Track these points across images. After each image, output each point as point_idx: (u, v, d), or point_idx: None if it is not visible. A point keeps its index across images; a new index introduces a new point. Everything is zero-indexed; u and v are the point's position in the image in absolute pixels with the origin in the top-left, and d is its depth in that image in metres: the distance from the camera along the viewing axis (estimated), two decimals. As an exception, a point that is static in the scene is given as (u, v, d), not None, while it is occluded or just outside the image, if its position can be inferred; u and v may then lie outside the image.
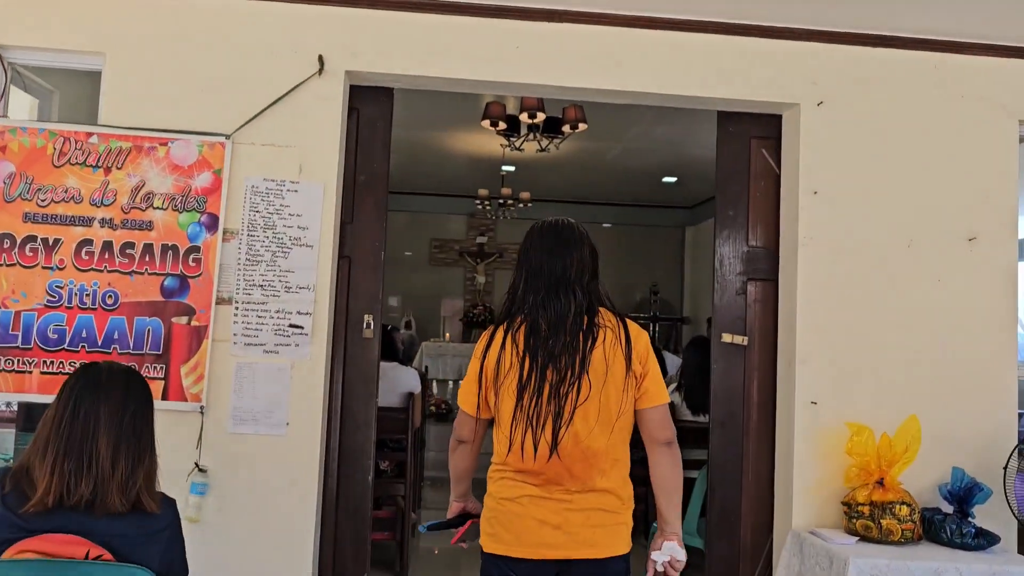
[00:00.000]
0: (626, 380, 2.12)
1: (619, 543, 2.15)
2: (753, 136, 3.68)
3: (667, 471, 2.20)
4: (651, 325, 11.46)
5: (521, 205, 9.21)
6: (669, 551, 2.17)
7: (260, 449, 3.22)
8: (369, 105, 3.56)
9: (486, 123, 5.29)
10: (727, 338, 3.61)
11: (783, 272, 3.59)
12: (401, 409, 4.64)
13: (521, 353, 2.13)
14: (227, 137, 3.27)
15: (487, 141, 8.89)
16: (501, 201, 9.14)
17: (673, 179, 10.25)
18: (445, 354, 9.28)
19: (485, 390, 2.20)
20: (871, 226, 3.49)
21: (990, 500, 3.22)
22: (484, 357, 2.21)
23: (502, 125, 5.25)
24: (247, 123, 3.28)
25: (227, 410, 3.20)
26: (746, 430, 3.61)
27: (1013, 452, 3.25)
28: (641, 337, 2.20)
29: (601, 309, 2.21)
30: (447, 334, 10.32)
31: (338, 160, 3.39)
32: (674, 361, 6.21)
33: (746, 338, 3.61)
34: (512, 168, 9.85)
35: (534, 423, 2.07)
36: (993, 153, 3.54)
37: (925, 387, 3.46)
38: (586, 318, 2.16)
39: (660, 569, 2.18)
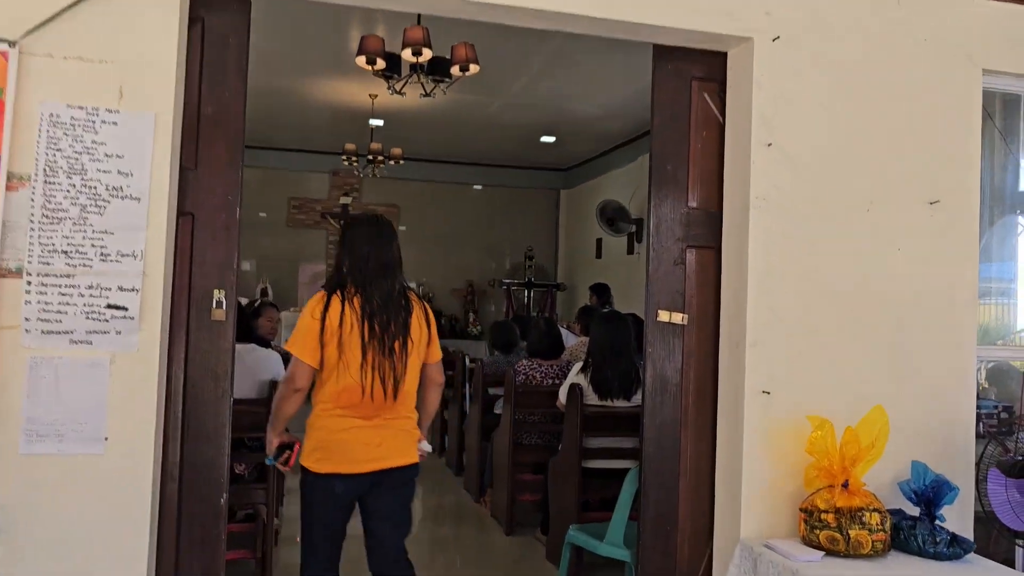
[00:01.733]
0: (424, 343, 2.88)
1: (415, 453, 2.89)
2: (695, 77, 3.06)
3: (434, 402, 3.03)
4: (526, 291, 10.92)
5: (392, 162, 8.34)
6: (422, 448, 2.95)
7: (68, 475, 2.34)
8: (219, 14, 2.67)
9: (361, 60, 4.44)
10: (664, 316, 3.01)
11: (729, 239, 3.01)
12: (261, 401, 3.80)
13: (360, 318, 2.71)
14: (11, 44, 2.32)
15: (354, 90, 7.95)
16: (370, 158, 8.24)
17: (552, 139, 9.66)
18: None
19: (324, 345, 2.69)
20: (830, 186, 2.96)
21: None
22: (324, 317, 2.70)
23: (380, 64, 4.42)
24: (41, 25, 2.34)
25: (16, 424, 2.30)
26: (684, 423, 3.04)
27: (988, 443, 2.84)
28: (430, 311, 2.97)
29: (408, 289, 2.88)
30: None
31: (175, 84, 2.51)
32: (569, 338, 5.62)
33: (686, 316, 3.02)
34: (380, 122, 8.96)
35: (382, 373, 2.71)
36: (956, 107, 3.08)
37: (883, 371, 2.99)
38: (403, 296, 2.82)
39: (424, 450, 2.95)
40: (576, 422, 4.13)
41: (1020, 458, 2.83)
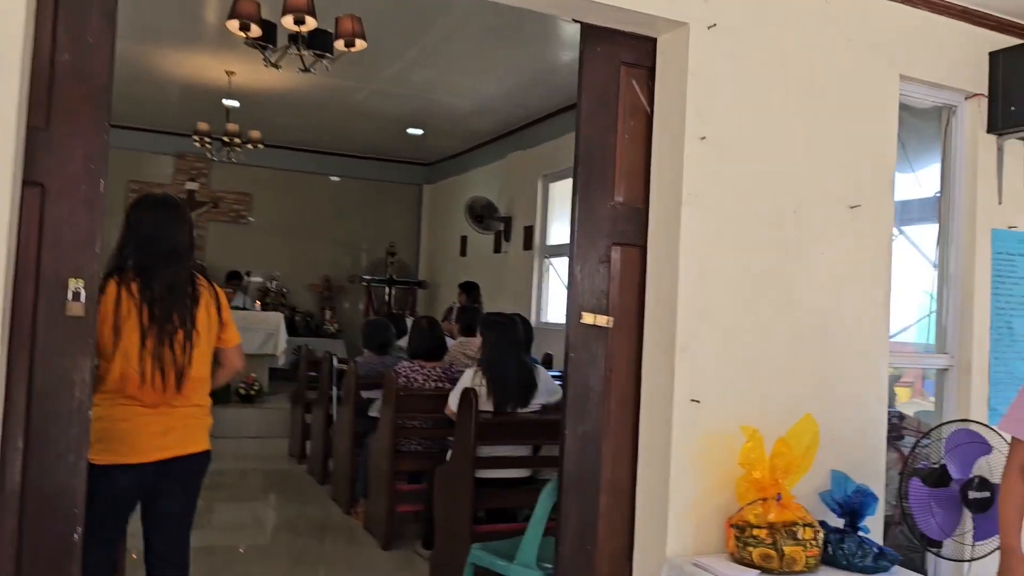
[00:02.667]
0: (217, 329, 2.77)
1: (206, 440, 2.76)
2: (624, 62, 2.83)
3: (221, 382, 2.91)
4: (387, 289, 10.47)
5: (250, 146, 7.69)
6: None
7: None
8: (81, -58, 2.17)
9: (233, 25, 3.92)
10: (588, 319, 2.76)
11: (656, 237, 2.80)
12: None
13: (139, 304, 2.56)
14: None
15: (209, 65, 7.25)
16: (225, 139, 7.55)
17: (419, 131, 9.29)
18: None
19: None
20: (761, 185, 2.81)
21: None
22: (99, 301, 2.40)
23: (255, 31, 3.92)
24: None
25: None
26: (606, 433, 2.81)
27: (915, 449, 2.78)
28: (223, 296, 2.84)
29: (197, 275, 2.76)
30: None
31: (22, 23, 2.00)
32: (448, 341, 5.30)
33: (611, 319, 2.79)
34: (236, 103, 8.26)
35: (162, 362, 2.58)
36: (876, 110, 3.03)
37: (807, 378, 2.88)
38: (190, 283, 2.69)
39: None
40: (470, 429, 3.82)
41: (935, 466, 2.80)
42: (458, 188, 10.12)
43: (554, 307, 8.32)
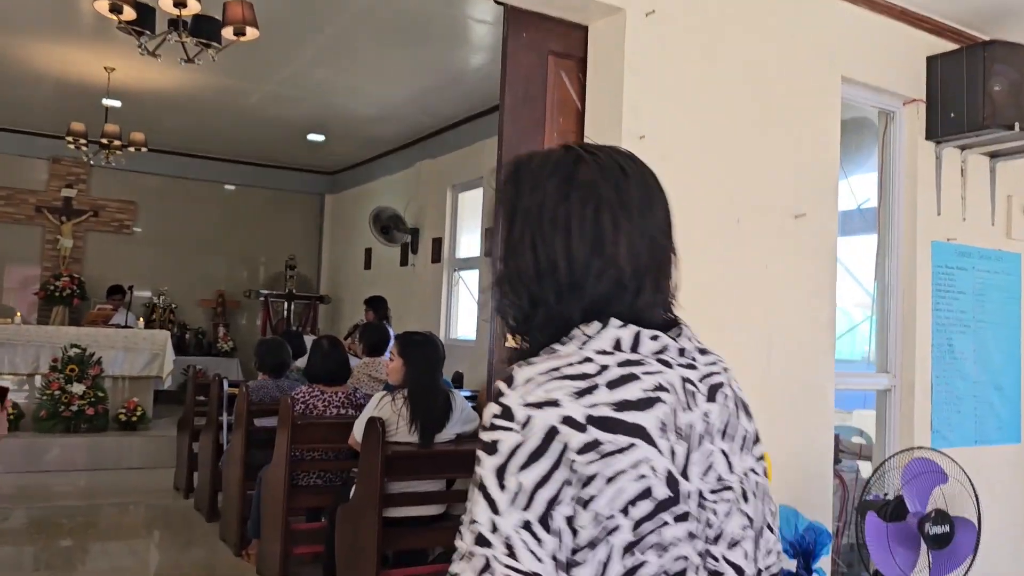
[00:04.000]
0: None
1: None
2: (552, 52, 2.52)
3: None
4: (287, 304, 9.87)
5: (132, 150, 7.03)
6: None
7: None
8: None
9: (103, 6, 3.40)
10: (513, 343, 2.41)
11: (590, 248, 2.49)
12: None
13: None
14: None
15: (86, 60, 6.59)
16: (104, 142, 6.87)
17: (320, 137, 8.78)
18: (15, 341, 6.76)
19: None
20: (702, 192, 2.54)
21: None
22: None
23: (129, 14, 3.42)
24: None
25: None
26: (533, 472, 2.46)
27: (870, 481, 2.55)
28: None
29: None
30: (18, 312, 7.67)
31: None
32: (351, 362, 4.85)
33: (540, 341, 2.45)
34: (118, 103, 7.58)
35: None
36: (818, 112, 2.82)
37: (756, 404, 2.61)
38: None
39: None
40: (376, 463, 3.40)
41: (889, 499, 2.58)
42: (363, 198, 9.65)
43: (464, 323, 7.96)
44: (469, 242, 7.94)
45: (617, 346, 0.91)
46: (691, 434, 0.91)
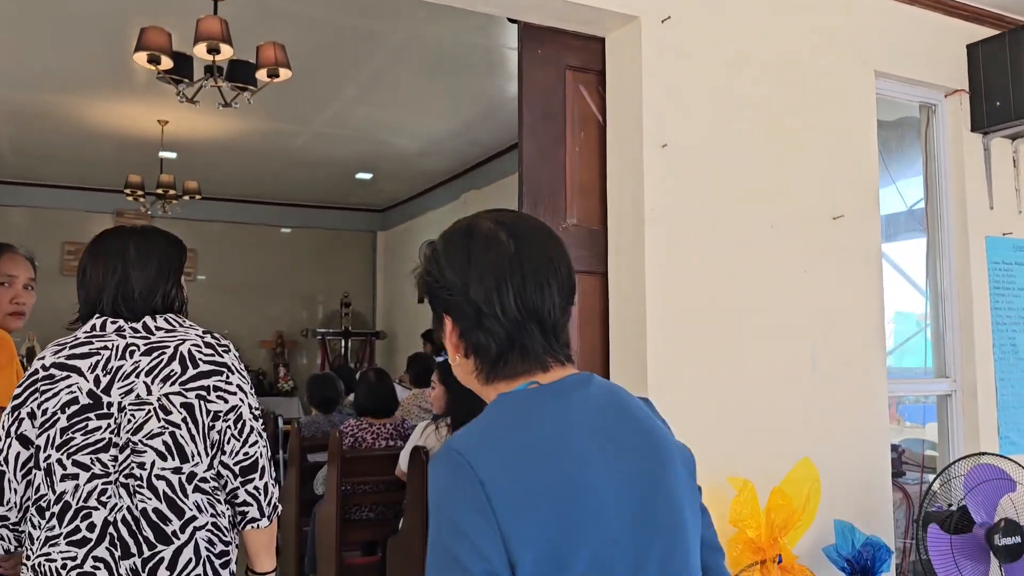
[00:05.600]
0: None
1: None
2: (570, 66, 2.48)
3: None
4: (344, 341, 9.97)
5: (186, 198, 7.23)
6: None
7: None
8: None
9: (141, 58, 3.52)
10: (544, 360, 2.35)
11: (618, 262, 2.42)
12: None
13: None
14: None
15: (140, 115, 6.82)
16: (160, 192, 7.08)
17: (368, 175, 8.90)
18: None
19: None
20: (731, 198, 2.45)
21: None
22: None
23: (166, 63, 3.52)
24: None
25: None
26: (572, 495, 2.38)
27: (929, 491, 2.39)
28: None
29: None
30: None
31: None
32: (400, 392, 4.84)
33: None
34: (173, 155, 7.82)
35: None
36: (851, 109, 2.71)
37: (798, 416, 2.50)
38: None
39: None
40: (422, 493, 3.35)
41: (953, 509, 2.41)
42: (413, 232, 9.72)
43: (517, 351, 7.90)
44: (518, 270, 7.91)
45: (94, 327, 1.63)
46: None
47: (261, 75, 3.79)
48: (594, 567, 0.89)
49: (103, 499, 1.49)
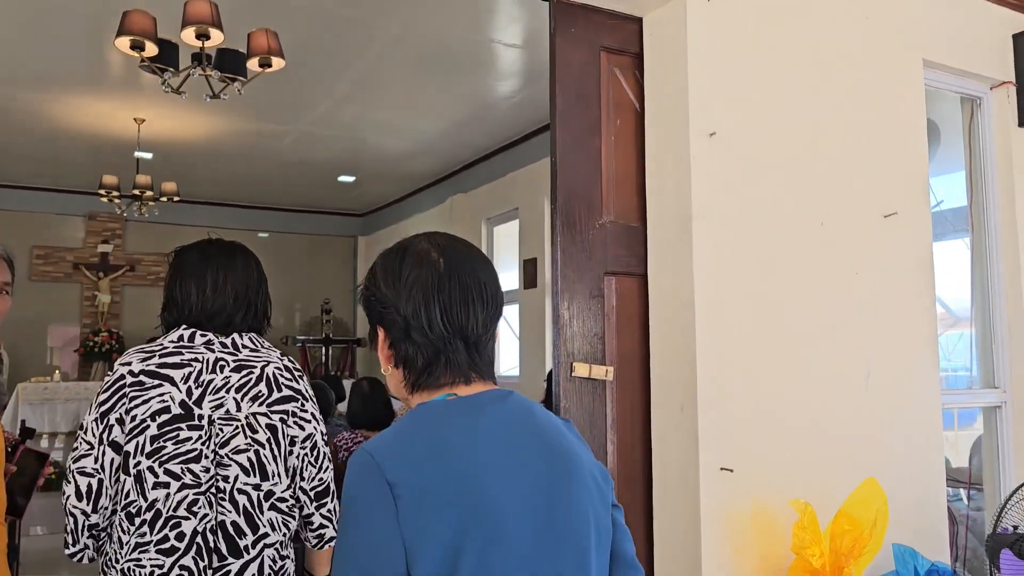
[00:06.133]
0: None
1: None
2: (605, 48, 2.25)
3: None
4: (324, 348, 9.66)
5: (164, 200, 6.90)
6: None
7: None
8: None
9: (123, 43, 3.23)
10: (581, 370, 2.11)
11: (659, 263, 2.19)
12: None
13: None
14: None
15: (115, 111, 6.49)
16: (136, 193, 6.75)
17: (351, 178, 8.62)
18: (54, 398, 6.59)
19: None
20: (783, 192, 2.24)
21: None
22: None
23: (151, 50, 3.24)
24: None
25: None
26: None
27: (1004, 509, 2.19)
28: None
29: None
30: (57, 370, 7.53)
31: None
32: (394, 404, 4.56)
33: (611, 369, 2.14)
34: (149, 155, 7.49)
35: None
36: (901, 99, 2.51)
37: (855, 430, 2.28)
38: None
39: None
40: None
41: (1016, 531, 2.21)
42: (395, 238, 9.22)
43: (506, 358, 7.65)
44: (507, 276, 7.67)
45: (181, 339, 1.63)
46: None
47: (252, 64, 3.52)
48: (488, 573, 0.92)
49: (193, 509, 1.53)
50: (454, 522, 0.92)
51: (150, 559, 1.50)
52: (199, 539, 1.53)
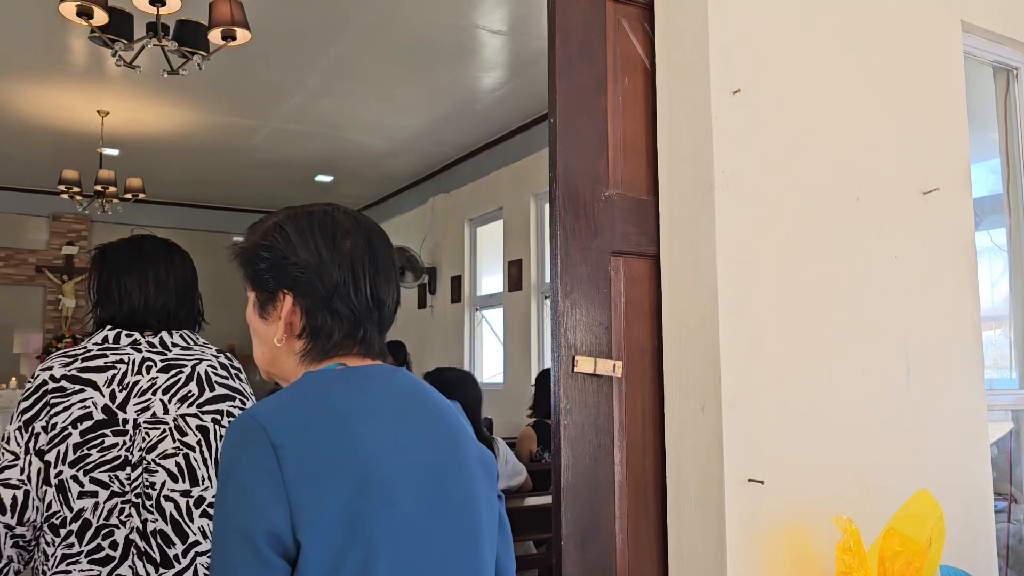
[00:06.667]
0: None
1: None
2: (610, -4, 1.95)
3: None
4: (300, 355, 9.26)
5: (129, 197, 6.53)
6: None
7: None
8: None
9: (68, 9, 2.88)
10: (585, 365, 1.79)
11: (673, 241, 1.88)
12: None
13: None
14: None
15: (78, 104, 6.13)
16: (99, 189, 6.37)
17: (329, 178, 8.29)
18: (8, 407, 6.18)
19: None
20: (815, 161, 1.95)
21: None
22: None
23: (100, 18, 2.89)
24: None
25: None
26: (616, 535, 1.82)
27: None
28: None
29: None
30: (13, 378, 7.11)
31: None
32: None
33: (619, 363, 1.83)
34: (115, 152, 7.13)
35: None
36: (939, 63, 2.23)
37: (896, 434, 1.98)
38: None
39: None
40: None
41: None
42: (375, 241, 9.10)
43: (489, 365, 7.33)
44: (491, 279, 7.36)
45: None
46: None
47: (214, 37, 3.18)
48: (383, 544, 0.89)
49: (123, 517, 1.46)
50: (343, 491, 0.88)
51: (81, 570, 1.43)
52: (133, 548, 1.46)
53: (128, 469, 1.46)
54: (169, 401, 1.51)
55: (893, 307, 2.01)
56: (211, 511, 1.49)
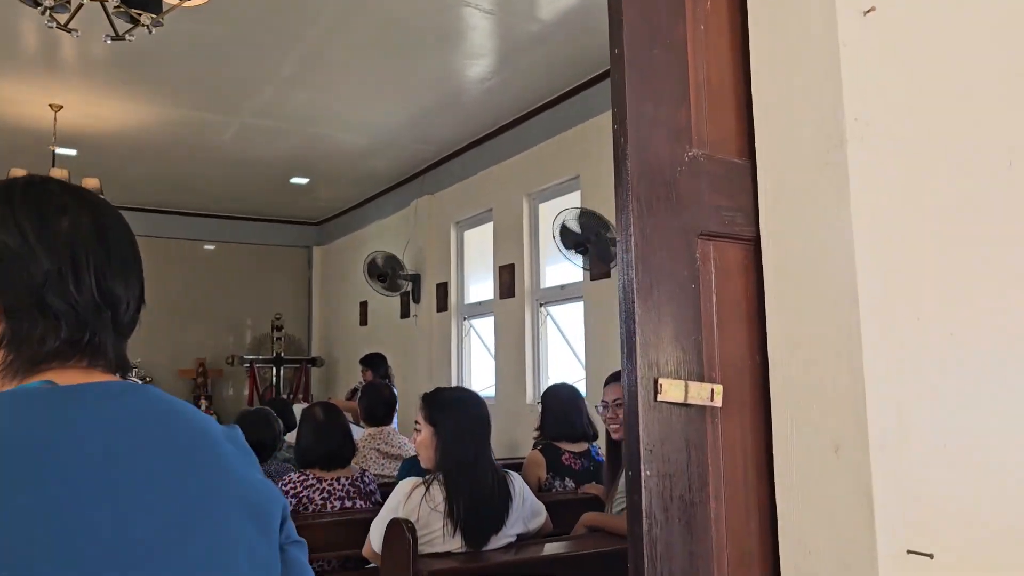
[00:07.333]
0: None
1: None
2: None
3: None
4: (275, 369, 8.67)
5: (85, 200, 5.92)
6: None
7: None
8: None
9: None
10: (672, 392, 1.27)
11: (782, 218, 1.37)
12: None
13: None
14: None
15: (28, 96, 5.53)
16: (50, 191, 5.75)
17: (304, 180, 7.72)
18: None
19: None
20: (957, 113, 1.44)
21: None
22: None
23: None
24: None
25: None
26: (718, 634, 1.30)
27: None
28: None
29: None
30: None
31: None
32: (356, 433, 3.67)
33: (717, 388, 1.31)
34: (72, 152, 6.52)
35: None
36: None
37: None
38: None
39: None
40: (404, 586, 2.23)
41: None
42: (355, 246, 8.54)
43: (479, 378, 6.79)
44: (479, 286, 6.83)
45: None
46: None
47: (166, -5, 2.64)
48: None
49: None
50: (21, 555, 0.64)
51: None
52: None
53: None
54: None
55: (1056, 306, 1.51)
56: None
